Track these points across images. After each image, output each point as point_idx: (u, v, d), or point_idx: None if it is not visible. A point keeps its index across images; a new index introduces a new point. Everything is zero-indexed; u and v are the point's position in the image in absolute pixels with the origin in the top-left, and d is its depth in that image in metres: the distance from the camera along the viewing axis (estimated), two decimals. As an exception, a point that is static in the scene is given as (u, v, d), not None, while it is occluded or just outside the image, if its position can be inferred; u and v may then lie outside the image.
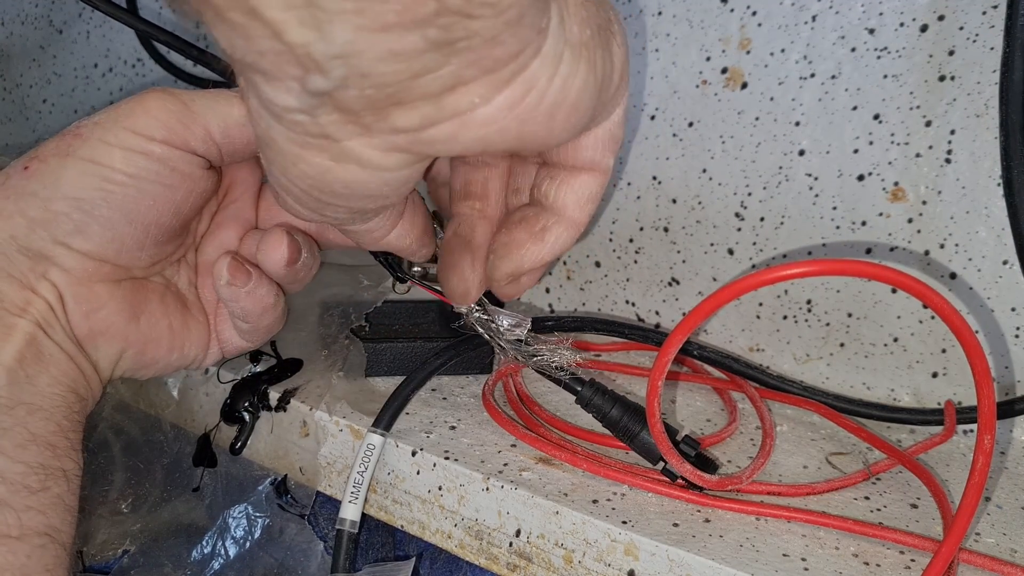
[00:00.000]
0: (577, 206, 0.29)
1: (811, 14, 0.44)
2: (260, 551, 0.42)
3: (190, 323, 0.35)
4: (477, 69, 0.20)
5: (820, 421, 0.44)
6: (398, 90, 0.19)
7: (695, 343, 0.46)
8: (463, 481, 0.35)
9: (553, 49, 0.21)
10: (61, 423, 0.28)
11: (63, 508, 0.28)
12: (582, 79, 0.22)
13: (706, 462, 0.35)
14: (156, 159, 0.29)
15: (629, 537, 0.31)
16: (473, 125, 0.21)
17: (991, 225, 0.41)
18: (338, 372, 0.43)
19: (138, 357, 0.33)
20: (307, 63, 0.18)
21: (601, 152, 0.28)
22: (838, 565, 0.30)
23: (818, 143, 0.45)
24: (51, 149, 0.29)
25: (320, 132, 0.21)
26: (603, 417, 0.36)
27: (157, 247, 0.32)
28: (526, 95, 0.21)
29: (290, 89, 0.19)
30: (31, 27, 0.85)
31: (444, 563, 0.43)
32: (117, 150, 0.28)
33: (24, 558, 0.26)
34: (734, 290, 0.28)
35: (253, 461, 0.42)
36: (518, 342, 0.34)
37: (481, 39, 0.19)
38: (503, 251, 0.30)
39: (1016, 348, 0.42)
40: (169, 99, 0.29)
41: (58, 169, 0.28)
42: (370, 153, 0.21)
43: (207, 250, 0.36)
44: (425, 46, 0.18)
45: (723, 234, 0.49)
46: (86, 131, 0.29)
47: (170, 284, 0.34)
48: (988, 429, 0.27)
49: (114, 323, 0.31)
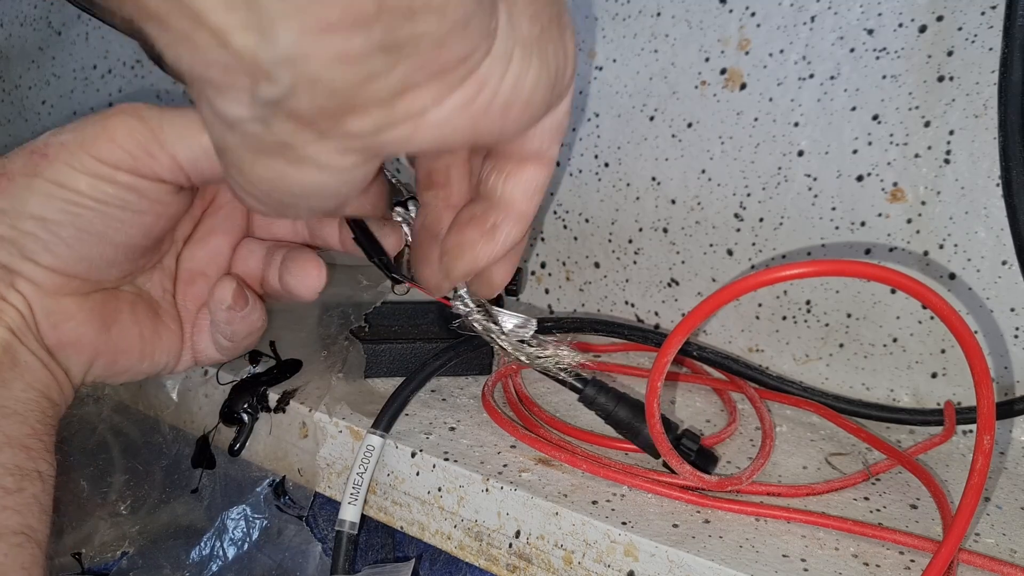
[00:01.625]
0: (525, 198, 0.28)
1: (810, 15, 0.44)
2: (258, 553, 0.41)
3: (161, 331, 0.34)
4: (426, 72, 0.19)
5: (820, 422, 0.44)
6: (349, 97, 0.19)
7: (695, 344, 0.46)
8: (463, 482, 0.35)
9: (503, 48, 0.21)
10: (35, 426, 0.29)
11: (39, 508, 0.28)
12: (534, 75, 0.22)
13: (707, 457, 0.35)
14: (122, 187, 0.28)
15: (629, 538, 0.31)
16: (427, 127, 0.21)
17: (990, 225, 0.41)
18: (337, 373, 0.43)
19: (109, 366, 0.32)
20: (254, 71, 0.18)
21: (548, 142, 0.27)
22: (838, 566, 0.30)
23: (817, 144, 0.45)
24: (19, 167, 0.28)
25: (275, 140, 0.21)
26: (607, 415, 0.36)
27: (129, 263, 0.32)
28: (478, 95, 0.21)
29: (240, 100, 0.19)
30: (30, 29, 0.85)
31: (444, 564, 0.42)
32: (83, 176, 0.28)
33: (1, 556, 0.26)
34: (733, 291, 0.28)
35: (252, 462, 0.42)
36: (520, 343, 0.34)
37: (428, 41, 0.19)
38: (456, 251, 0.29)
39: (1015, 348, 0.42)
40: (136, 126, 0.28)
41: (24, 189, 0.28)
42: (327, 156, 0.21)
43: (195, 256, 0.35)
44: (371, 48, 0.18)
45: (722, 235, 0.49)
46: (52, 152, 0.28)
47: (142, 292, 0.34)
48: (987, 429, 0.27)
49: (84, 334, 0.31)
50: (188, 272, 0.35)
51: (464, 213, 0.30)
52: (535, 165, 0.28)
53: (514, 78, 0.22)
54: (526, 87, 0.22)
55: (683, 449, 0.34)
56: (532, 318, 0.34)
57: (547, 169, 0.28)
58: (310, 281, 0.33)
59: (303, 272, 0.33)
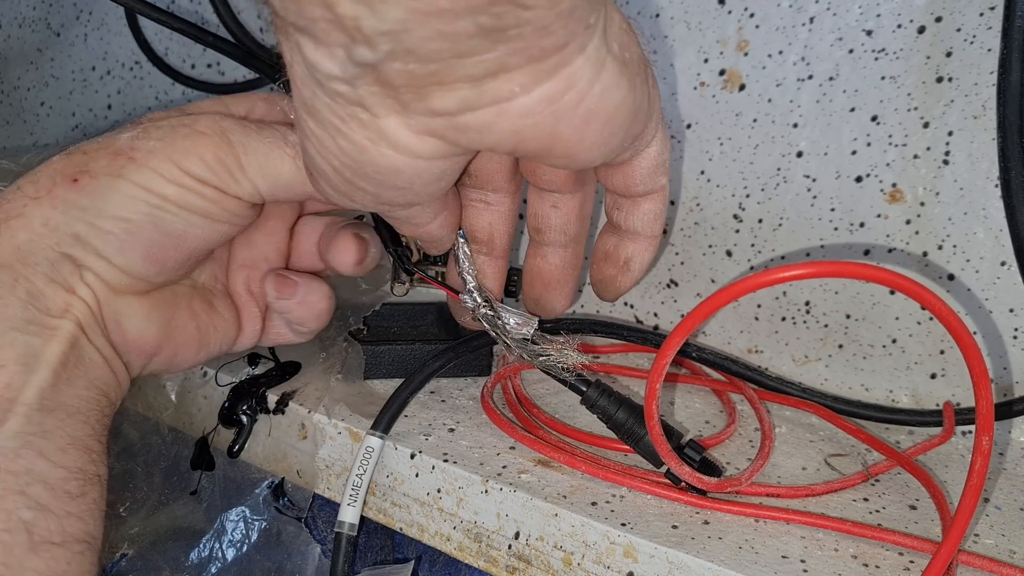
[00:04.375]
0: (649, 226, 0.31)
1: (809, 16, 0.44)
2: (257, 554, 0.41)
3: (216, 321, 0.35)
4: (522, 57, 0.20)
5: (819, 422, 0.44)
6: (441, 68, 0.19)
7: (694, 345, 0.46)
8: (462, 483, 0.35)
9: (597, 52, 0.21)
10: (95, 426, 0.29)
11: (99, 514, 0.28)
12: (622, 93, 0.23)
13: (710, 467, 0.35)
14: (206, 199, 0.29)
15: (628, 539, 0.31)
16: (510, 114, 0.21)
17: (989, 226, 0.41)
18: (337, 375, 0.43)
19: (167, 361, 0.33)
20: (355, 35, 0.18)
21: (653, 178, 0.29)
22: (837, 567, 0.30)
23: (816, 145, 0.45)
24: (102, 166, 0.29)
25: (358, 102, 0.21)
26: (608, 419, 0.35)
27: (195, 264, 0.33)
28: (566, 92, 0.21)
29: (335, 56, 0.20)
30: (28, 30, 0.85)
31: (443, 565, 0.42)
32: (170, 183, 0.29)
33: (65, 565, 0.26)
34: (732, 292, 0.28)
35: (251, 464, 0.42)
36: (524, 341, 0.34)
37: (532, 28, 0.19)
38: (601, 287, 0.34)
39: (1014, 349, 0.42)
40: (223, 148, 0.29)
41: (108, 188, 0.28)
42: (405, 135, 0.22)
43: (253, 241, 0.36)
44: (475, 31, 0.18)
45: (721, 236, 0.49)
46: (140, 156, 0.29)
47: (196, 285, 0.34)
48: (986, 430, 0.27)
49: (146, 332, 0.31)
50: (248, 259, 0.36)
51: (599, 250, 0.33)
52: (649, 199, 0.30)
53: (603, 88, 0.22)
54: (612, 102, 0.22)
55: (686, 457, 0.34)
56: (534, 316, 0.35)
57: (661, 197, 0.31)
58: (347, 257, 0.34)
59: (338, 248, 0.34)
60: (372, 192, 0.24)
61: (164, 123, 0.30)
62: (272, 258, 0.36)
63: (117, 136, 0.29)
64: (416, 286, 0.40)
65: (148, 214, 0.29)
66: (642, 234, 0.31)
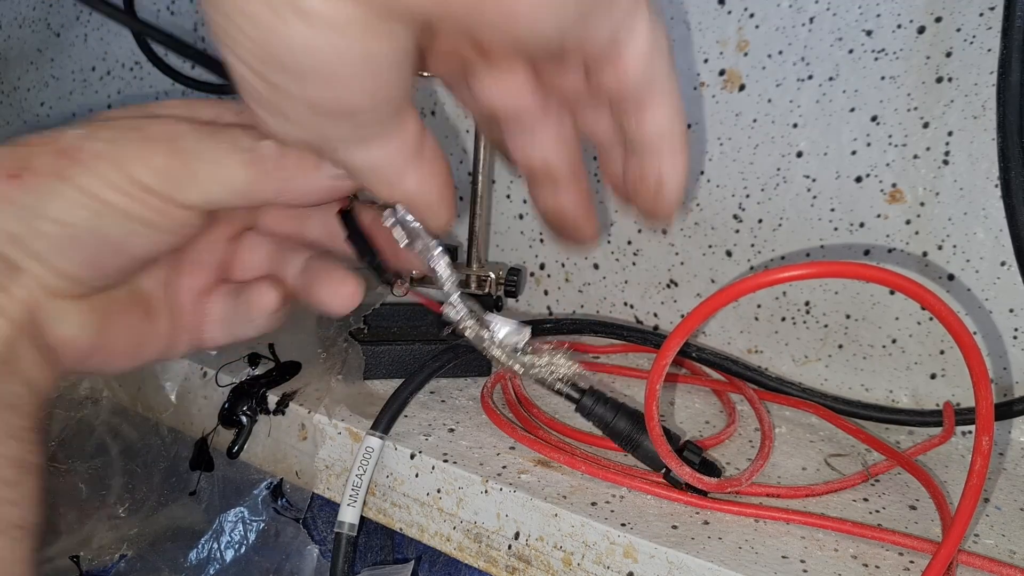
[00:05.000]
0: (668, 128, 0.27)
1: (808, 16, 0.44)
2: (255, 555, 0.41)
3: (153, 328, 0.34)
4: None
5: (819, 423, 0.44)
6: None
7: (694, 345, 0.46)
8: (462, 483, 0.35)
9: None
10: (31, 419, 0.29)
11: (34, 502, 0.28)
12: None
13: (710, 468, 0.34)
14: (151, 208, 0.28)
15: (628, 539, 0.31)
16: None
17: (989, 226, 0.41)
18: (336, 375, 0.43)
19: (101, 364, 0.32)
20: None
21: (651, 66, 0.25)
22: (837, 567, 0.30)
23: (816, 145, 0.45)
24: (46, 164, 0.28)
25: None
26: (604, 426, 0.35)
27: (136, 270, 0.32)
28: None
29: None
30: (29, 30, 0.85)
31: (443, 566, 0.42)
32: (116, 191, 0.28)
33: (4, 551, 0.26)
34: (732, 292, 0.28)
35: (251, 464, 0.42)
36: (513, 351, 0.32)
37: None
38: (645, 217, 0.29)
39: (1014, 349, 0.42)
40: (173, 155, 0.28)
41: (50, 190, 0.27)
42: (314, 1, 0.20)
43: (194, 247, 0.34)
44: None
45: (721, 236, 0.49)
46: (85, 158, 0.28)
47: (136, 290, 0.33)
48: (986, 430, 0.27)
49: (79, 337, 0.31)
50: (194, 265, 0.35)
51: (629, 176, 0.28)
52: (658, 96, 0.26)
53: None
54: None
55: (686, 459, 0.34)
56: (526, 326, 0.32)
57: (670, 89, 0.26)
58: (340, 300, 0.32)
59: (333, 289, 0.32)
60: (299, 94, 0.23)
61: (116, 124, 0.29)
62: (208, 264, 0.35)
63: (64, 132, 0.29)
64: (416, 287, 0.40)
65: (90, 220, 0.28)
66: (665, 137, 0.27)
